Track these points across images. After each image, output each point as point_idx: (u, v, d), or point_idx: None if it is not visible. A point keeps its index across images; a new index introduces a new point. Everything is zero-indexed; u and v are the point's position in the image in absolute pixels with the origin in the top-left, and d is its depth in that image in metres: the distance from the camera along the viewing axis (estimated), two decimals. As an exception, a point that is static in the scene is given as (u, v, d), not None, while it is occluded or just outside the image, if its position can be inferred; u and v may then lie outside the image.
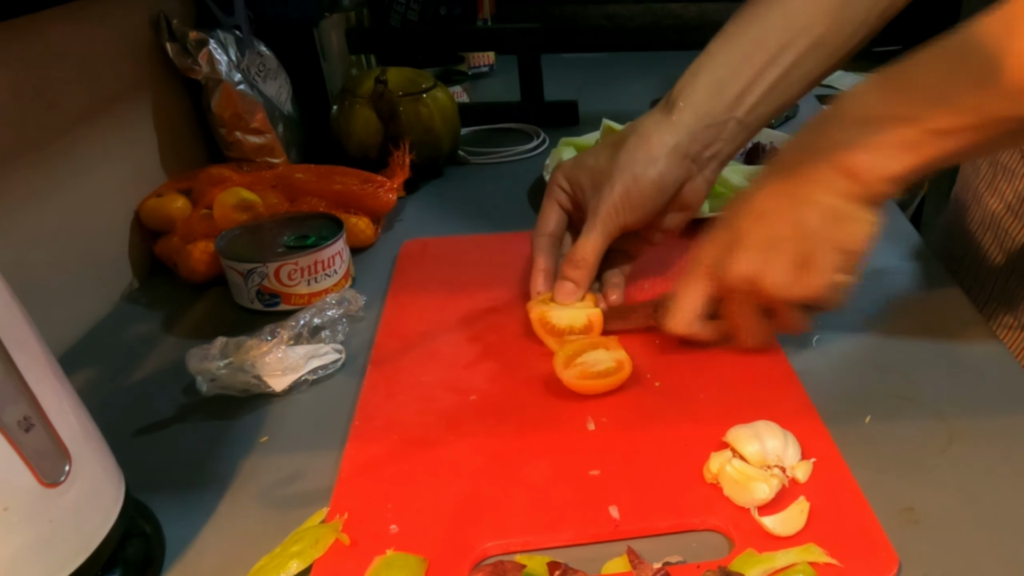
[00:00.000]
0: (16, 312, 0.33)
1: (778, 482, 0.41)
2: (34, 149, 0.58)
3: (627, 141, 0.54)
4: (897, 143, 0.42)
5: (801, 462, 0.43)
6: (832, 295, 0.47)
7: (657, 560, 0.38)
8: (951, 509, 0.41)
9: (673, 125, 0.53)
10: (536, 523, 0.41)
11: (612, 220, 0.54)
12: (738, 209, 0.49)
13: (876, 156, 0.43)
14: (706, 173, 0.55)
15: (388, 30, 1.03)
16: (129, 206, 0.69)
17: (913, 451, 0.45)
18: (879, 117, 0.42)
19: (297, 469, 0.46)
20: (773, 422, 0.45)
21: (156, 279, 0.69)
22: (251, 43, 0.81)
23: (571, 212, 0.58)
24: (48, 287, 0.59)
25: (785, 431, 0.44)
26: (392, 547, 0.39)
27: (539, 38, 1.02)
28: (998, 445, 0.46)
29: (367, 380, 0.53)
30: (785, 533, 0.39)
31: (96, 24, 0.65)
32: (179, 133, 0.77)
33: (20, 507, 0.31)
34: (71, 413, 0.35)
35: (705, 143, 0.53)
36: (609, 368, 0.50)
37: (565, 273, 0.55)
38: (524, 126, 1.04)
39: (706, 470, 0.43)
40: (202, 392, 0.51)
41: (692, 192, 0.55)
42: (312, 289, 0.62)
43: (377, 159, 0.82)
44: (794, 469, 0.43)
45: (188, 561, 0.40)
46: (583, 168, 0.56)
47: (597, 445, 0.46)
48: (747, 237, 0.47)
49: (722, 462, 0.42)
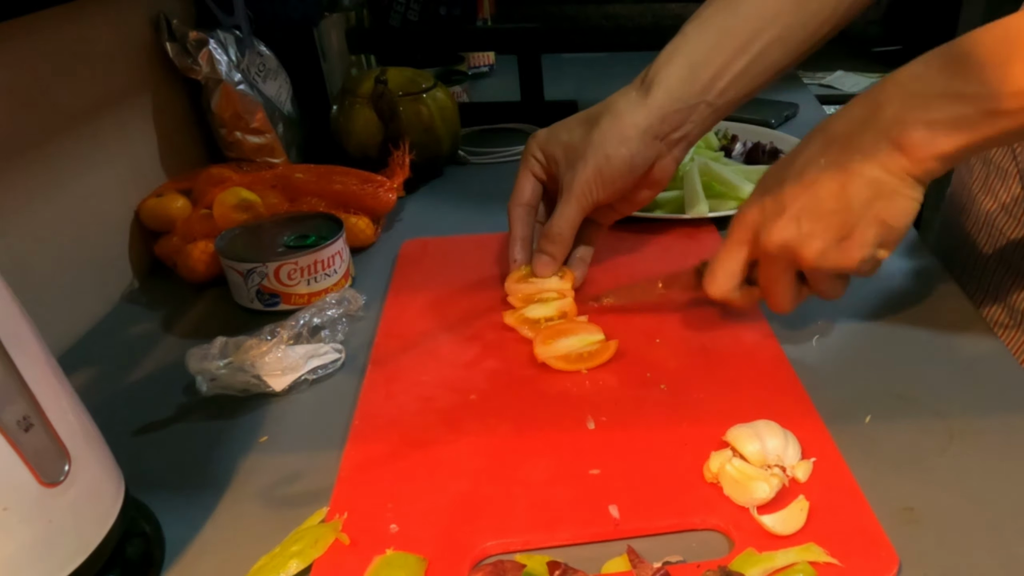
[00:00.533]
0: (16, 312, 0.33)
1: (778, 481, 0.41)
2: (34, 149, 0.58)
3: (601, 120, 0.56)
4: (952, 120, 0.42)
5: (801, 462, 0.43)
6: (869, 267, 0.47)
7: (657, 560, 0.38)
8: (951, 509, 0.41)
9: (646, 107, 0.55)
10: (536, 522, 0.41)
11: (585, 197, 0.56)
12: (783, 174, 0.48)
13: (930, 133, 0.42)
14: (675, 153, 0.57)
15: (388, 30, 1.03)
16: (129, 206, 0.69)
17: (913, 451, 0.45)
18: (936, 94, 0.42)
19: (297, 469, 0.46)
20: (773, 421, 0.45)
21: (156, 279, 0.70)
22: (251, 43, 0.81)
23: (545, 182, 0.61)
24: (48, 287, 0.59)
25: (785, 431, 0.44)
26: (392, 546, 0.39)
27: (539, 38, 1.02)
28: (998, 445, 0.46)
29: (367, 380, 0.53)
30: (785, 532, 0.39)
31: (96, 24, 0.65)
32: (179, 133, 0.78)
33: (20, 507, 0.31)
34: (71, 413, 0.35)
35: (675, 125, 0.55)
36: (592, 343, 0.53)
37: (542, 247, 0.59)
38: (524, 126, 1.04)
39: (706, 469, 0.43)
40: (202, 392, 0.51)
41: (661, 170, 0.57)
42: (312, 289, 0.62)
43: (377, 159, 0.82)
44: (794, 469, 0.43)
45: (188, 561, 0.40)
46: (557, 143, 0.58)
47: (597, 444, 0.46)
48: (791, 205, 0.47)
49: (722, 461, 0.42)
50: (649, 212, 0.73)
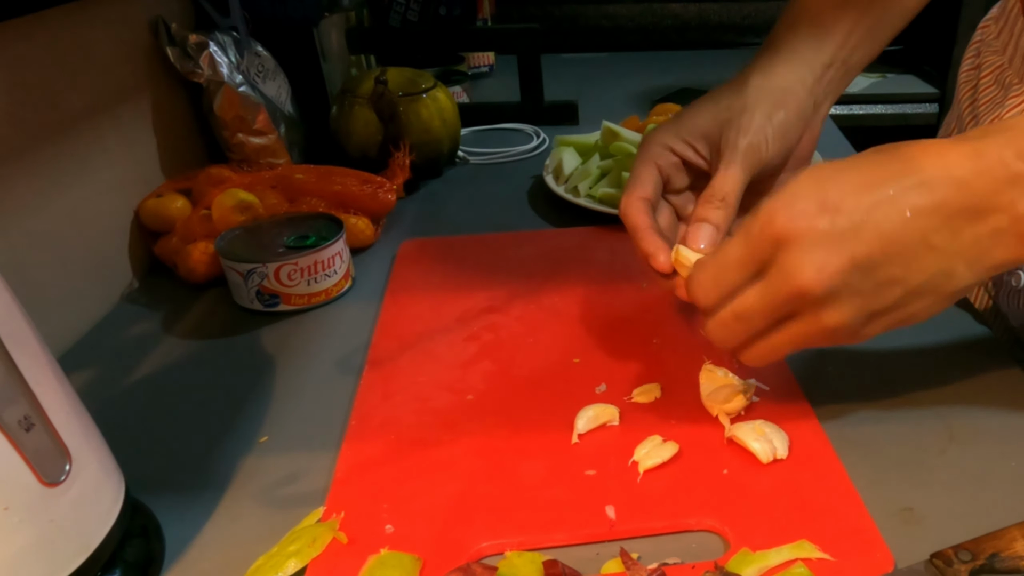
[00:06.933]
0: (16, 312, 0.33)
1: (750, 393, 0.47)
2: (34, 149, 0.58)
3: (748, 79, 0.50)
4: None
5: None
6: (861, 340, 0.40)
7: (655, 561, 0.38)
8: (951, 509, 0.41)
9: (789, 61, 0.50)
10: (532, 523, 0.41)
11: (755, 152, 0.48)
12: (850, 201, 0.36)
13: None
14: (819, 118, 0.52)
15: (388, 30, 1.03)
16: (129, 206, 0.69)
17: (913, 451, 0.45)
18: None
19: (297, 469, 0.46)
20: (771, 422, 0.45)
21: (156, 279, 0.70)
22: (248, 44, 0.81)
23: (671, 179, 0.51)
24: (48, 287, 0.59)
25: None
26: (387, 546, 0.39)
27: (539, 38, 1.02)
28: (998, 445, 0.46)
29: (364, 380, 0.53)
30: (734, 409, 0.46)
31: (96, 24, 0.65)
32: (179, 133, 0.78)
33: (21, 507, 0.31)
34: (71, 413, 0.35)
35: (819, 85, 0.50)
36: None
37: (703, 215, 0.47)
38: (524, 126, 1.04)
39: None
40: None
41: (810, 141, 0.52)
42: (312, 289, 0.62)
43: (377, 159, 0.82)
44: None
45: (188, 561, 0.40)
46: (691, 122, 0.50)
47: (593, 445, 0.46)
48: (840, 244, 0.36)
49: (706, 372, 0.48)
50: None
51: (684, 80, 1.25)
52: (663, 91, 1.19)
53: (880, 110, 1.50)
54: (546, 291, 0.62)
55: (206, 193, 0.70)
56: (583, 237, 0.72)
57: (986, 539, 0.37)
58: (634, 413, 0.49)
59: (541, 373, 0.53)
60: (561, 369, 0.53)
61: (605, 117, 0.87)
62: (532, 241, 0.72)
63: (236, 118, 0.77)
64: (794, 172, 0.48)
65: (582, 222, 0.75)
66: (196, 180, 0.73)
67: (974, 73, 0.69)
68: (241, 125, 0.78)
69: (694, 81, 1.24)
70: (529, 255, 0.69)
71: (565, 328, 0.58)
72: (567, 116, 1.06)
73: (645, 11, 1.61)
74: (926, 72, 1.55)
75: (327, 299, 0.63)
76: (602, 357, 0.54)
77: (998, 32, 0.66)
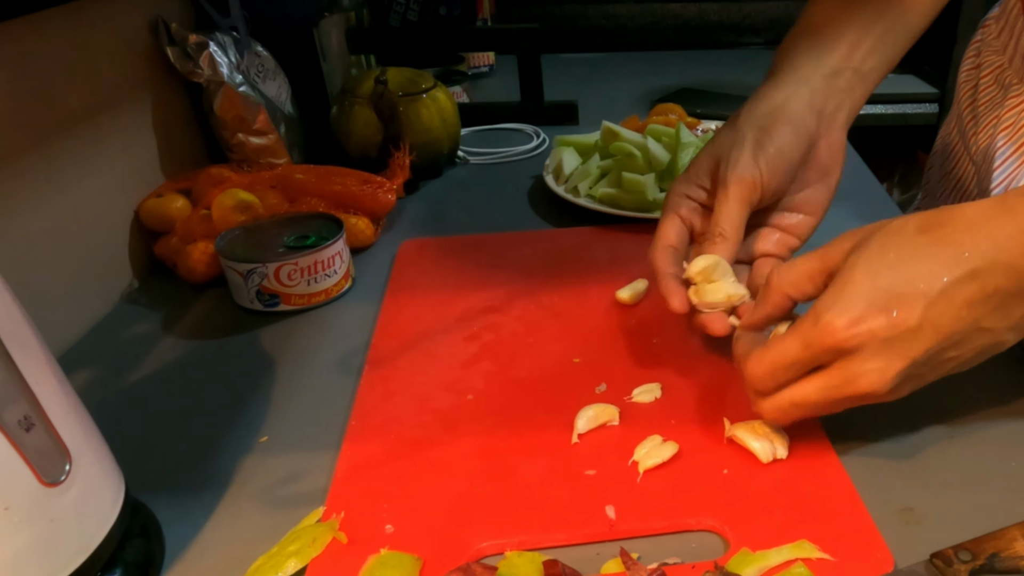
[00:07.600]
0: (16, 312, 0.33)
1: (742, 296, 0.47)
2: (34, 149, 0.58)
3: (741, 110, 0.51)
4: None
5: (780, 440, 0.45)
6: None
7: (654, 560, 0.38)
8: (951, 509, 0.41)
9: (790, 82, 0.51)
10: (532, 523, 0.41)
11: (745, 183, 0.48)
12: (907, 304, 0.37)
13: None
14: (835, 131, 0.51)
15: (388, 30, 1.03)
16: (129, 206, 0.69)
17: (913, 451, 0.45)
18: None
19: (297, 469, 0.46)
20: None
21: (156, 279, 0.70)
22: (248, 44, 0.81)
23: (694, 224, 0.53)
24: (48, 287, 0.59)
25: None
26: (387, 546, 0.39)
27: (539, 38, 1.02)
28: (998, 445, 0.46)
29: (364, 380, 0.53)
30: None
31: (96, 24, 0.65)
32: (179, 133, 0.78)
33: (21, 507, 0.31)
34: (71, 413, 0.35)
35: (826, 95, 0.50)
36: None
37: (706, 251, 0.49)
38: (524, 126, 1.04)
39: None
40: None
41: (828, 151, 0.51)
42: (312, 289, 0.62)
43: (377, 159, 0.82)
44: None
45: (188, 561, 0.40)
46: (702, 166, 0.52)
47: (593, 445, 0.46)
48: (901, 348, 0.37)
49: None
50: (649, 214, 0.73)
51: (684, 80, 1.25)
52: (663, 91, 1.19)
53: (880, 110, 1.49)
54: (546, 291, 0.63)
55: (206, 193, 0.70)
56: (583, 237, 0.72)
57: (986, 539, 0.37)
58: (634, 413, 0.49)
59: (541, 373, 0.53)
60: (561, 369, 0.53)
61: (605, 117, 0.87)
62: (532, 241, 0.72)
63: (236, 118, 0.77)
64: (822, 182, 0.52)
65: (582, 222, 0.75)
66: (196, 180, 0.73)
67: (974, 73, 0.69)
68: (241, 125, 0.78)
69: (694, 81, 1.24)
70: (529, 255, 0.69)
71: (565, 328, 0.58)
72: (567, 116, 1.06)
73: (645, 11, 1.61)
74: (926, 72, 1.55)
75: (327, 299, 0.63)
76: (602, 357, 0.54)
77: (998, 32, 0.66)
